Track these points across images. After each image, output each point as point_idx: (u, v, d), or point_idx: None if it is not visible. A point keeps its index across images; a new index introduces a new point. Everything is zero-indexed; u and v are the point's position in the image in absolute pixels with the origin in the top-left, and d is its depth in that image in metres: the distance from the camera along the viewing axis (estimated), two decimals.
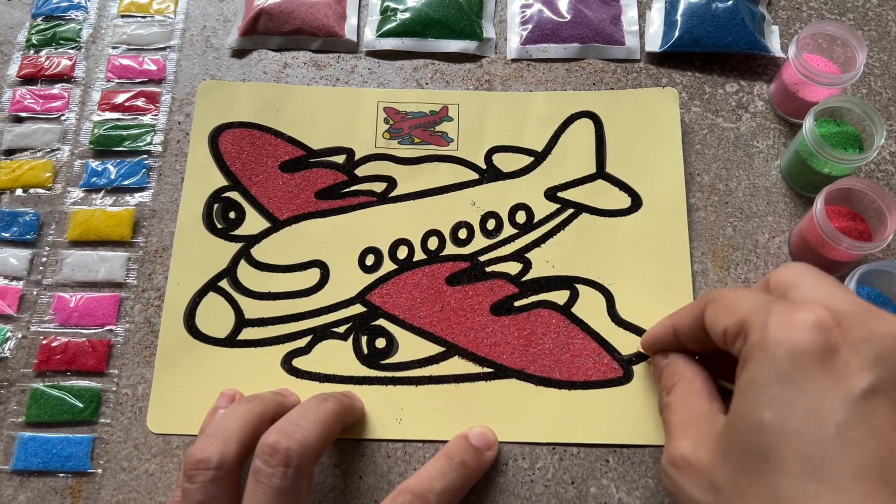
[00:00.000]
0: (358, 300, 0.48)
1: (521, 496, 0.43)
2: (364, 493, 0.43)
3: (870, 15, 0.56)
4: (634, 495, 0.43)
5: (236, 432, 0.37)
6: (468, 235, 0.49)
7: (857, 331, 0.29)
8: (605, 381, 0.45)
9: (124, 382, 0.46)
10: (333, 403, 0.40)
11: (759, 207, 0.50)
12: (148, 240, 0.50)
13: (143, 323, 0.47)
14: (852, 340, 0.29)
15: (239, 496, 0.35)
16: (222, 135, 0.52)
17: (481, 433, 0.43)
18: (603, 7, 0.56)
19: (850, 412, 0.27)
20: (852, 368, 0.28)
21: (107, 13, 0.57)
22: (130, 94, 0.54)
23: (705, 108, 0.53)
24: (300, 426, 0.36)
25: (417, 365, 0.46)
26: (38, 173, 0.51)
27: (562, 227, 0.49)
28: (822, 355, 0.28)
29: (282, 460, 0.35)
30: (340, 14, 0.56)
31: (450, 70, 0.55)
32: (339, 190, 0.51)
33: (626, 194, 0.50)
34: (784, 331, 0.29)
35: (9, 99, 0.54)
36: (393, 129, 0.52)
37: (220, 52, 0.56)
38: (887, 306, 0.45)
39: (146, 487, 0.44)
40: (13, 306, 0.48)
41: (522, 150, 0.52)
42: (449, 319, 0.47)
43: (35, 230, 0.50)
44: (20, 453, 0.44)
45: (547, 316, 0.47)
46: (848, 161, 0.46)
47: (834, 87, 0.49)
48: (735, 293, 0.34)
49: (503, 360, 0.46)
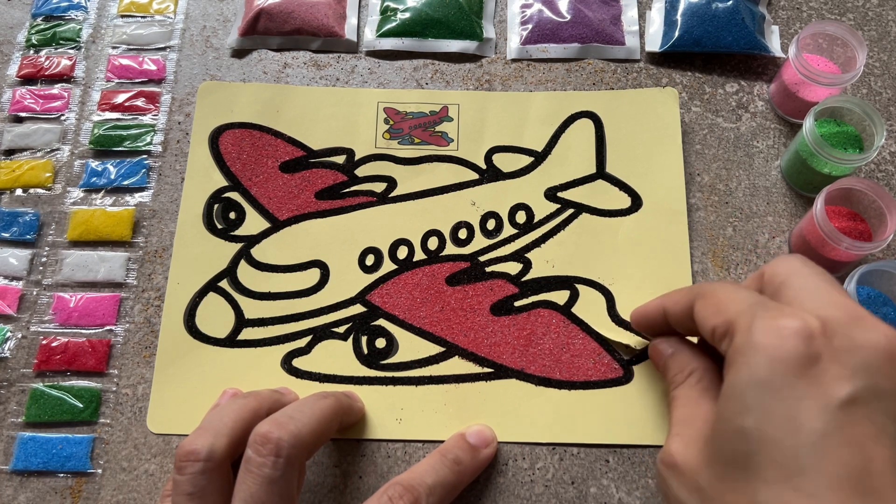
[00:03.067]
0: (358, 300, 0.48)
1: (521, 496, 0.43)
2: (364, 493, 0.43)
3: (870, 15, 0.56)
4: (634, 495, 0.43)
5: (228, 426, 0.37)
6: (468, 235, 0.49)
7: (839, 340, 0.29)
8: (606, 382, 0.45)
9: (124, 382, 0.46)
10: (332, 401, 0.40)
11: (759, 207, 0.50)
12: (148, 240, 0.50)
13: (143, 323, 0.47)
14: (834, 350, 0.29)
15: (230, 489, 0.35)
16: (222, 135, 0.52)
17: (479, 431, 0.43)
18: (603, 7, 0.56)
19: (829, 421, 0.27)
20: (832, 378, 0.28)
21: (107, 13, 0.57)
22: (130, 94, 0.54)
23: (705, 108, 0.53)
24: (294, 418, 0.37)
25: (417, 365, 0.46)
26: (38, 173, 0.51)
27: (562, 227, 0.49)
28: (803, 364, 0.28)
29: (273, 450, 0.35)
30: (340, 14, 0.56)
31: (450, 70, 0.55)
32: (339, 190, 0.51)
33: (627, 194, 0.50)
34: (767, 337, 0.29)
35: (9, 99, 0.54)
36: (393, 130, 0.52)
37: (220, 52, 0.56)
38: (887, 306, 0.45)
39: (146, 487, 0.44)
40: (13, 306, 0.48)
41: (522, 151, 0.52)
42: (449, 319, 0.47)
43: (35, 230, 0.50)
44: (20, 453, 0.44)
45: (547, 316, 0.47)
46: (848, 161, 0.46)
47: (834, 87, 0.49)
48: (725, 290, 0.34)
49: (503, 360, 0.46)
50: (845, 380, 0.28)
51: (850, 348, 0.29)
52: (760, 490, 0.28)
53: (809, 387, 0.28)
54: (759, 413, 0.29)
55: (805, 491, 0.27)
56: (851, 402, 0.27)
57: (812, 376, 0.28)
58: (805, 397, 0.28)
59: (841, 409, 0.27)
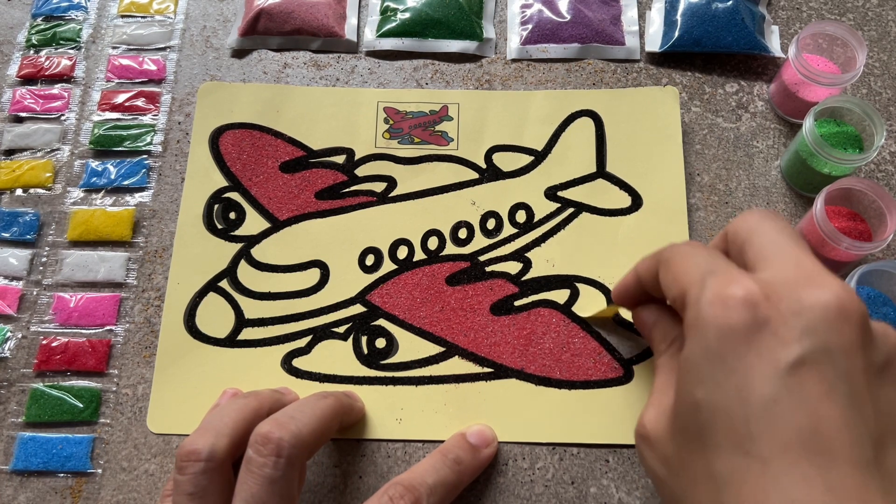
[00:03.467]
0: (358, 300, 0.48)
1: (521, 496, 0.43)
2: (364, 493, 0.43)
3: (870, 15, 0.56)
4: (634, 495, 0.43)
5: (229, 426, 0.37)
6: (468, 235, 0.49)
7: (786, 303, 0.29)
8: (606, 381, 0.45)
9: (124, 382, 0.46)
10: (332, 401, 0.40)
11: (760, 207, 0.50)
12: (148, 240, 0.50)
13: (143, 323, 0.47)
14: (781, 313, 0.28)
15: (231, 489, 0.35)
16: (223, 135, 0.52)
17: (479, 431, 0.43)
18: (603, 7, 0.56)
19: (778, 386, 0.27)
20: (780, 343, 0.28)
21: (107, 13, 0.57)
22: (130, 94, 0.54)
23: (705, 108, 0.53)
24: (295, 418, 0.37)
25: (417, 365, 0.46)
26: (38, 173, 0.51)
27: (562, 227, 0.49)
28: (749, 331, 0.28)
29: (273, 450, 0.35)
30: (340, 14, 0.56)
31: (450, 70, 0.55)
32: (339, 190, 0.51)
33: (627, 193, 0.50)
34: (713, 308, 0.29)
35: (9, 99, 0.54)
36: (393, 129, 0.52)
37: (220, 52, 0.56)
38: (887, 306, 0.45)
39: (146, 487, 0.44)
40: (13, 306, 0.48)
41: (522, 150, 0.52)
42: (449, 319, 0.47)
43: (35, 230, 0.50)
44: (20, 453, 0.44)
45: (547, 315, 0.47)
46: (848, 161, 0.46)
47: (834, 87, 0.49)
48: (682, 257, 0.34)
49: (503, 360, 0.46)
50: (793, 342, 0.28)
51: (797, 311, 0.28)
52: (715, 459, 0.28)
53: (758, 354, 0.28)
54: (710, 385, 0.29)
55: (757, 455, 0.27)
56: (800, 364, 0.27)
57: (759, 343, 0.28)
58: (753, 365, 0.28)
59: (789, 372, 0.27)
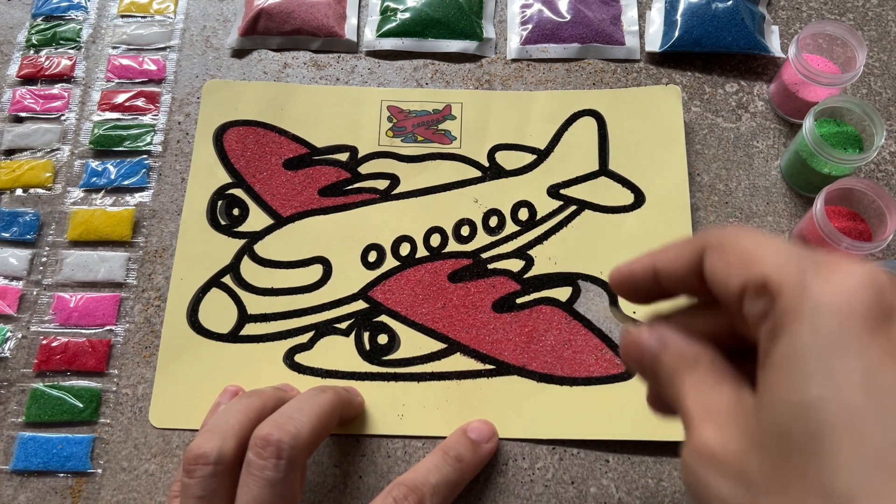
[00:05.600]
0: (360, 296, 0.48)
1: (521, 496, 0.43)
2: (364, 493, 0.43)
3: (870, 15, 0.57)
4: (634, 495, 0.43)
5: (235, 427, 0.37)
6: (470, 232, 0.49)
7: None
8: (608, 378, 0.45)
9: (124, 382, 0.46)
10: (330, 395, 0.40)
11: (759, 207, 0.50)
12: (148, 240, 0.49)
13: (143, 323, 0.47)
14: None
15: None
16: (227, 133, 0.52)
17: (479, 426, 0.43)
18: (603, 7, 0.56)
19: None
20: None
21: (107, 13, 0.57)
22: (130, 94, 0.54)
23: (705, 108, 0.53)
24: (293, 418, 0.37)
25: (419, 361, 0.46)
26: (38, 173, 0.51)
27: (564, 224, 0.49)
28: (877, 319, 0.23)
29: (274, 452, 0.35)
30: (340, 14, 0.56)
31: (450, 70, 0.55)
32: (342, 187, 0.51)
33: (629, 191, 0.50)
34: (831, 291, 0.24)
35: (9, 99, 0.53)
36: (396, 128, 0.52)
37: (220, 52, 0.56)
38: None
39: (146, 487, 0.43)
40: (13, 306, 0.47)
41: (525, 148, 0.52)
42: (451, 316, 0.47)
43: (35, 230, 0.50)
44: (20, 453, 0.44)
45: (549, 313, 0.47)
46: (848, 161, 0.46)
47: (834, 87, 0.49)
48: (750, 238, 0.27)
49: (505, 357, 0.46)
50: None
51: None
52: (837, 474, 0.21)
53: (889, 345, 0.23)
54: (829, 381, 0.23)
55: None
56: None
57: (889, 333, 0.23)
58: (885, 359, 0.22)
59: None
